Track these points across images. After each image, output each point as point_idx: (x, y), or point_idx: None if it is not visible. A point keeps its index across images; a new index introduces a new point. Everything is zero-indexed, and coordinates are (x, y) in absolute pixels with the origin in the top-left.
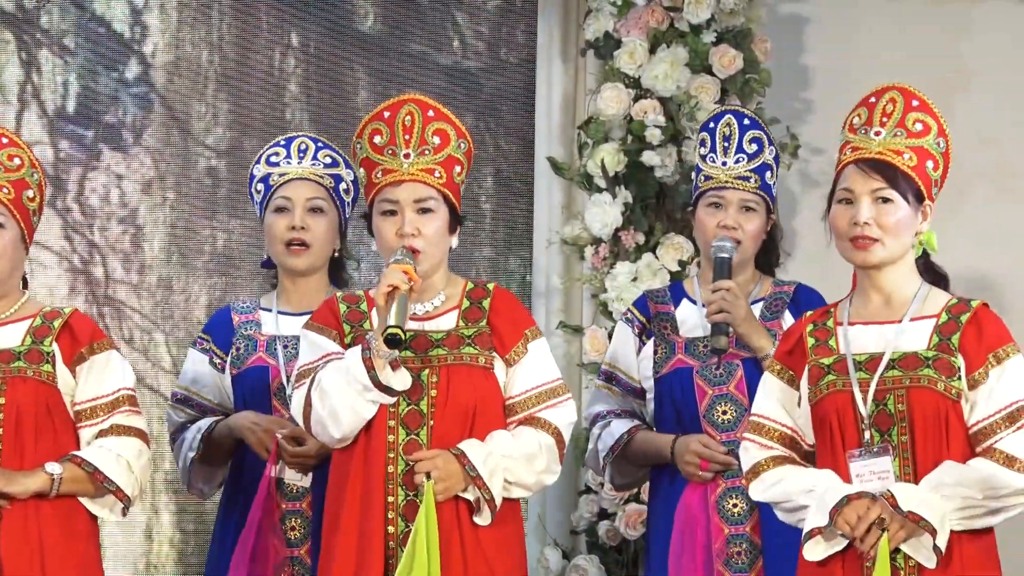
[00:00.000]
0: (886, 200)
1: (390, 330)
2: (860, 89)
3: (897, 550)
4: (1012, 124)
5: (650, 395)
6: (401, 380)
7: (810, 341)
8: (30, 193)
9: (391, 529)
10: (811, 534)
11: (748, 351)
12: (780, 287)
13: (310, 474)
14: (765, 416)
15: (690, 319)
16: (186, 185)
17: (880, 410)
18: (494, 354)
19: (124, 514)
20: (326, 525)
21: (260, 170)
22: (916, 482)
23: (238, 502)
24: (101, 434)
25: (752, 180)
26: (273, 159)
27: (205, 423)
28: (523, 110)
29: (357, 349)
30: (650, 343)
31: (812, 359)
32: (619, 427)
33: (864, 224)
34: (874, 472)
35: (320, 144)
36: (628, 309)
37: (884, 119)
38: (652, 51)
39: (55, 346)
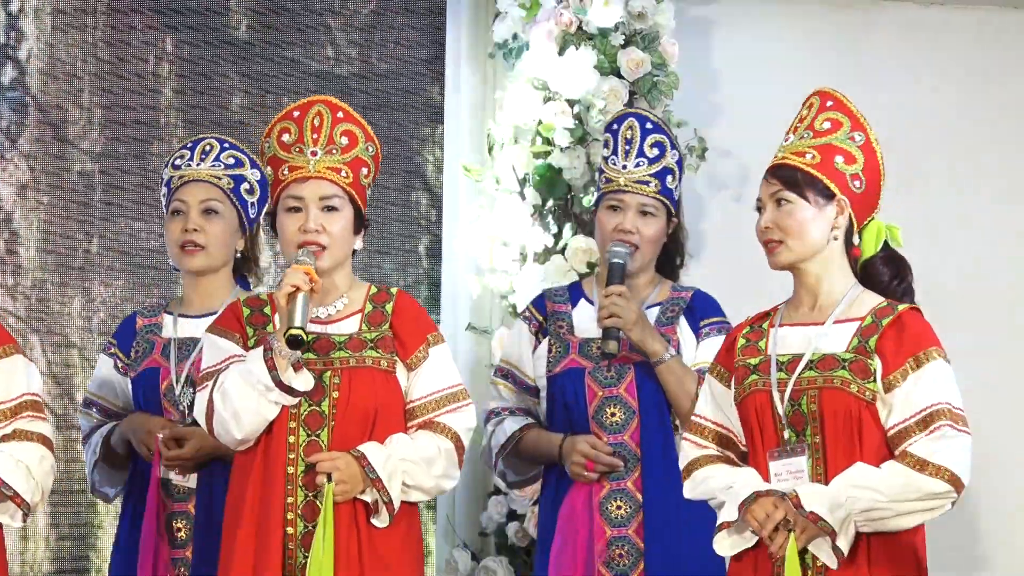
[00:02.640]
0: (785, 202)
1: (292, 331)
2: (766, 92)
3: (806, 549)
4: (913, 126)
5: (543, 393)
6: (303, 381)
7: (740, 342)
8: None
9: (290, 530)
10: (720, 527)
11: (642, 355)
12: (678, 293)
13: (194, 475)
14: (702, 416)
15: (586, 320)
16: (61, 189)
17: (795, 410)
18: (395, 358)
19: (24, 520)
20: (226, 524)
21: (167, 173)
22: (826, 482)
23: (131, 503)
24: (3, 439)
25: (651, 184)
26: (178, 162)
27: (107, 427)
28: (396, 115)
29: (259, 350)
30: (545, 342)
31: (739, 359)
32: (512, 425)
33: (765, 228)
34: (790, 471)
35: (226, 145)
36: (527, 307)
37: (798, 124)
38: (560, 53)
39: None
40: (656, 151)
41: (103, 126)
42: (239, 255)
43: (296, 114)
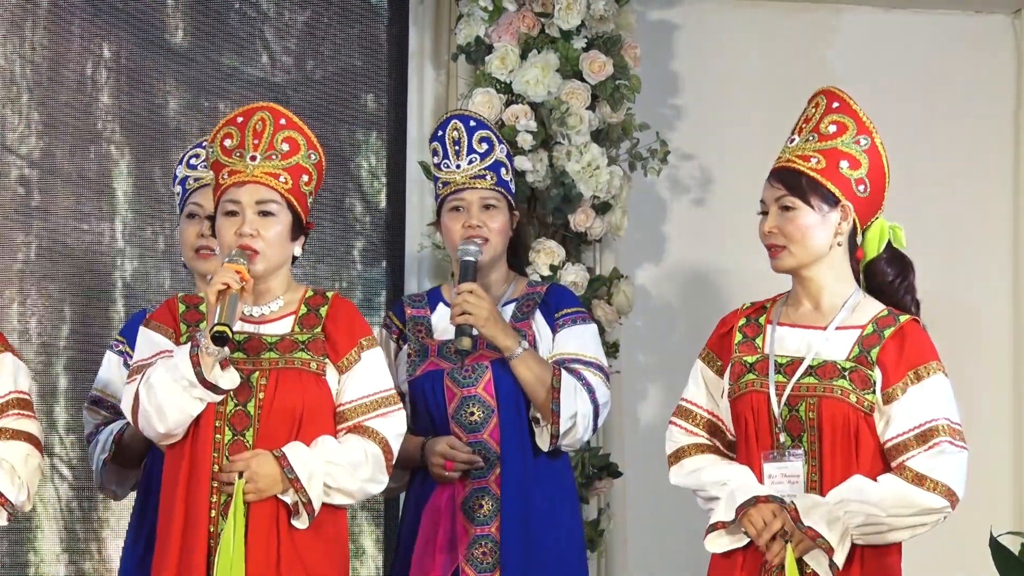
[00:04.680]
0: (789, 207)
1: (217, 328)
2: (728, 95)
3: (799, 557)
4: (876, 129)
5: (407, 398)
6: (228, 379)
7: (737, 336)
8: None
9: (212, 528)
10: (715, 527)
11: (498, 352)
12: (533, 288)
13: None
14: (693, 402)
15: (443, 322)
16: None
17: (792, 415)
18: (327, 360)
19: (9, 519)
20: (160, 521)
21: (181, 171)
22: (821, 490)
23: (151, 503)
24: None
25: (488, 178)
26: (193, 161)
27: (118, 425)
28: (330, 121)
29: (186, 347)
30: (406, 347)
31: (736, 355)
32: None
33: (768, 233)
34: (785, 475)
35: None
36: (386, 315)
37: (804, 125)
38: (523, 57)
39: None
40: (485, 146)
41: (41, 131)
42: None
43: (239, 120)
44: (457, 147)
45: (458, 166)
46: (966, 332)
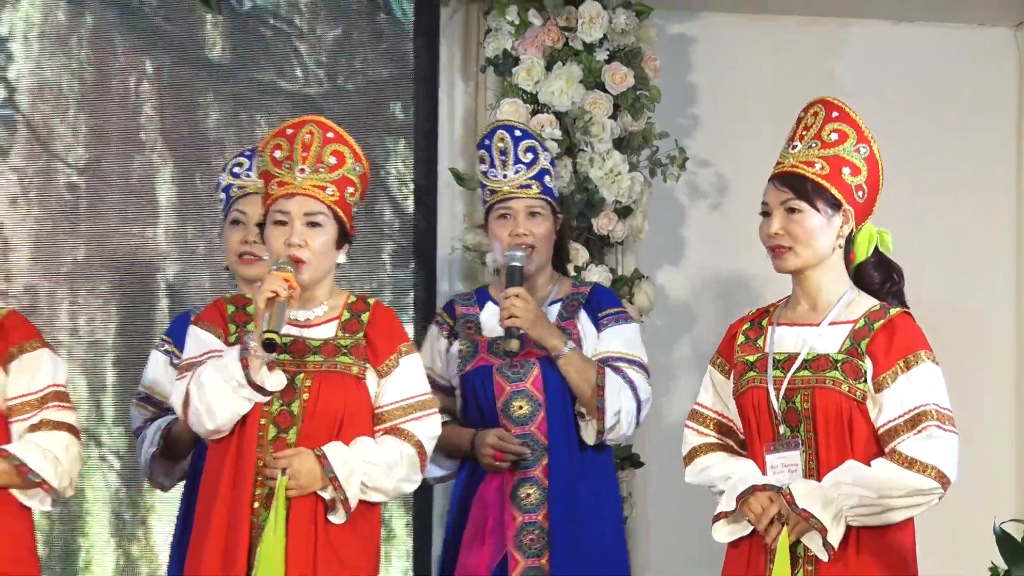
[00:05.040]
0: (796, 210)
1: (267, 335)
2: (743, 105)
3: (798, 541)
4: (884, 141)
5: (458, 392)
6: (275, 381)
7: (740, 339)
8: None
9: (255, 519)
10: (718, 517)
11: (545, 350)
12: (577, 288)
13: None
14: (703, 405)
15: (492, 320)
16: (49, 200)
17: (790, 407)
18: (367, 365)
19: (53, 504)
20: (199, 510)
21: (225, 179)
22: (819, 477)
23: (196, 494)
24: (32, 429)
25: (533, 187)
26: (236, 170)
27: (165, 420)
28: (362, 132)
29: (235, 348)
30: (456, 343)
31: (738, 355)
32: None
33: (775, 234)
34: (785, 465)
35: None
36: (438, 313)
37: (804, 132)
38: (548, 68)
39: None
40: (531, 155)
41: (87, 141)
42: None
43: (289, 132)
44: (504, 157)
45: (504, 175)
46: (970, 339)
